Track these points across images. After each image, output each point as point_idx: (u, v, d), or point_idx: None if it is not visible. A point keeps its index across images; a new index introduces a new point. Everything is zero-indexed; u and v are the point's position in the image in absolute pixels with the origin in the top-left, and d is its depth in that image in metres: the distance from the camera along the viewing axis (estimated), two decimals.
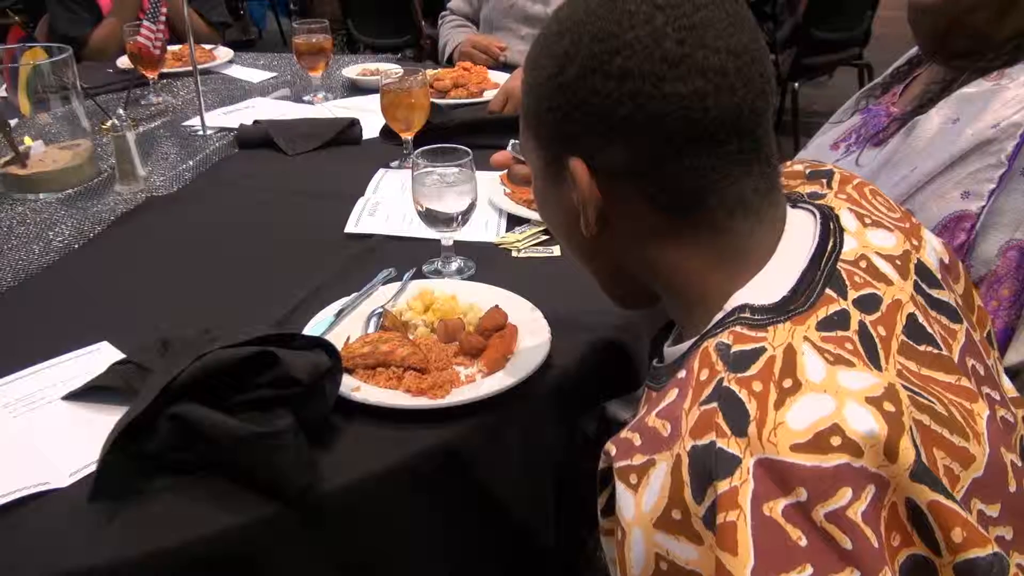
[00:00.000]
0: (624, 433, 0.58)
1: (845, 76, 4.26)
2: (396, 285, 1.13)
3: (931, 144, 1.07)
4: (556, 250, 1.27)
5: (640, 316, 1.09)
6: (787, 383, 0.52)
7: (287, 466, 0.77)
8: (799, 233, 0.65)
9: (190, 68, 1.79)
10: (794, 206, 0.69)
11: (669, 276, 0.65)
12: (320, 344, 0.87)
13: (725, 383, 0.53)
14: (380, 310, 1.06)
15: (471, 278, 1.19)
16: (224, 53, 2.39)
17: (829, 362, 0.54)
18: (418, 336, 1.03)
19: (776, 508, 0.49)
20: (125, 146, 1.47)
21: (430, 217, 1.17)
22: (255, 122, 1.78)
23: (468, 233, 1.27)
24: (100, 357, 1.00)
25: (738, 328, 0.57)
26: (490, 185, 1.43)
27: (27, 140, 1.54)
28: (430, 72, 1.99)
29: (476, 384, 0.94)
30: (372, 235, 1.32)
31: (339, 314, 1.06)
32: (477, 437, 0.89)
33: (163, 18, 1.92)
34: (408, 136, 1.59)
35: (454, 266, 1.21)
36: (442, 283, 1.13)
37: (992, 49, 1.07)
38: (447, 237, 1.20)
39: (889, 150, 1.13)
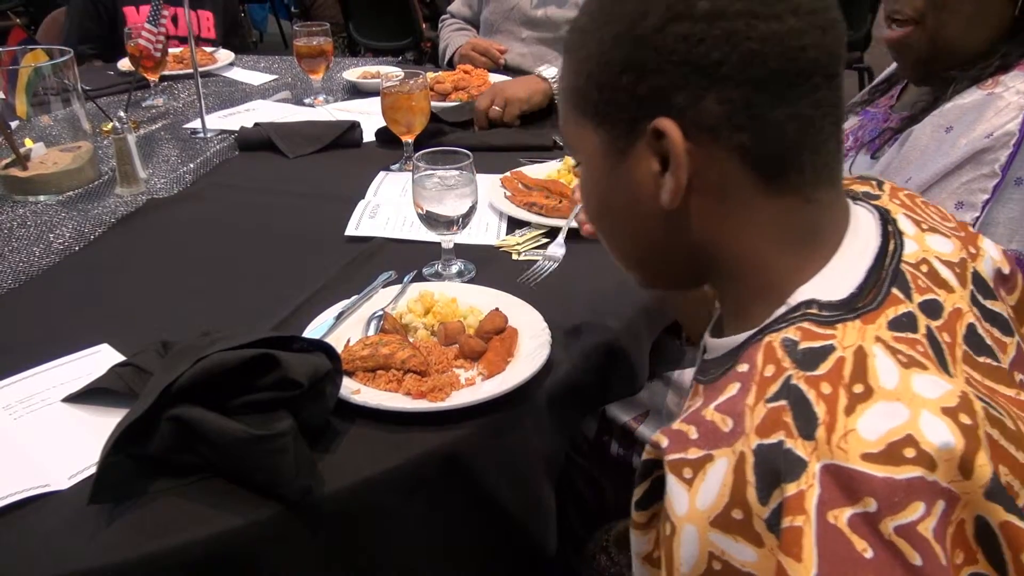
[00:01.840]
0: (676, 425, 0.55)
1: (845, 80, 4.24)
2: (396, 288, 1.13)
3: (924, 154, 1.07)
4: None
5: (641, 318, 1.09)
6: (858, 388, 0.50)
7: (287, 469, 0.77)
8: (864, 226, 0.62)
9: (191, 71, 1.79)
10: (854, 201, 0.66)
11: (737, 257, 0.61)
12: (320, 347, 0.87)
13: (793, 381, 0.51)
14: (380, 313, 1.06)
15: (471, 281, 1.19)
16: (225, 56, 2.39)
17: (902, 364, 0.51)
18: (418, 339, 1.03)
19: (841, 517, 0.47)
20: (126, 148, 1.47)
21: (430, 220, 1.17)
22: (256, 125, 1.79)
23: (468, 236, 1.27)
24: (100, 359, 1.00)
25: (805, 324, 0.55)
26: (490, 188, 1.43)
27: (28, 142, 1.54)
28: (431, 75, 2.00)
29: (476, 387, 0.93)
30: (372, 238, 1.32)
31: (339, 317, 1.05)
32: (477, 440, 0.89)
33: (164, 21, 1.92)
34: (408, 139, 1.59)
35: (454, 269, 1.21)
36: (442, 286, 1.13)
37: (979, 58, 1.07)
38: (447, 240, 1.20)
39: (883, 162, 1.13)
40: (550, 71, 1.89)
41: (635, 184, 0.61)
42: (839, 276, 0.58)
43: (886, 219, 0.64)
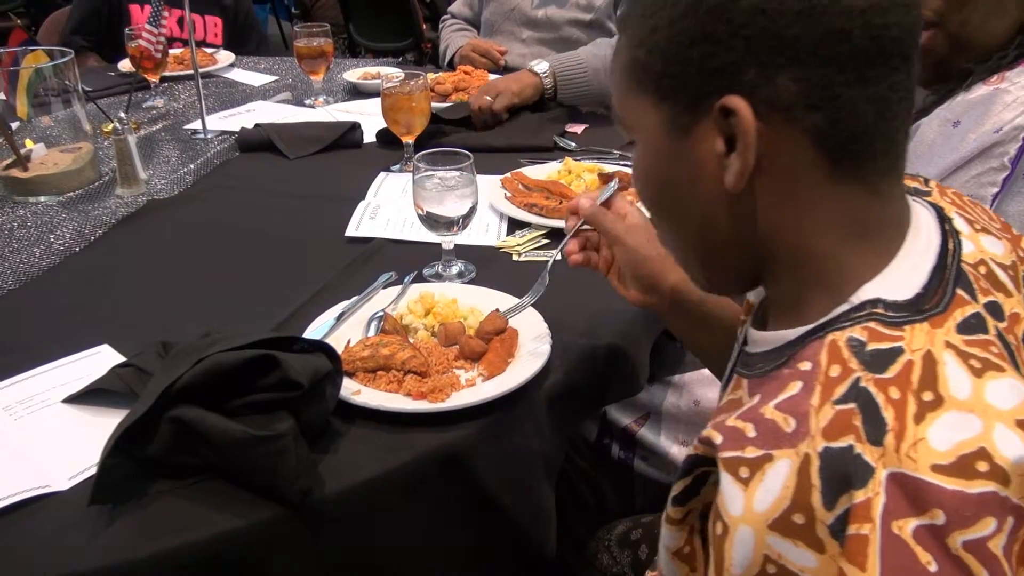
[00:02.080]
0: (731, 421, 0.53)
1: None
2: (397, 289, 1.13)
3: (931, 149, 1.07)
4: (557, 254, 1.27)
5: (641, 320, 1.09)
6: (927, 396, 0.49)
7: (287, 470, 0.77)
8: (924, 223, 0.60)
9: (191, 71, 1.79)
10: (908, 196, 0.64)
11: (796, 246, 0.58)
12: (321, 347, 0.87)
13: (863, 383, 0.49)
14: (381, 314, 1.06)
15: (472, 282, 1.19)
16: (225, 57, 2.39)
17: (975, 371, 0.50)
18: (419, 340, 1.03)
19: (906, 527, 0.45)
20: (126, 149, 1.47)
21: (431, 221, 1.17)
22: (256, 125, 1.78)
23: (469, 237, 1.27)
24: (100, 360, 1.00)
25: (872, 324, 0.53)
26: (491, 189, 1.43)
27: (28, 143, 1.54)
28: (431, 76, 2.00)
29: (476, 388, 0.93)
30: (373, 239, 1.32)
31: (340, 317, 1.05)
32: (477, 441, 0.89)
33: (164, 22, 1.93)
34: (409, 140, 1.59)
35: (455, 270, 1.21)
36: (443, 287, 1.13)
37: (996, 50, 1.07)
38: (448, 241, 1.20)
39: None
40: (541, 66, 1.89)
41: (697, 164, 0.59)
42: (905, 275, 0.56)
43: (942, 216, 0.62)
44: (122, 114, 1.50)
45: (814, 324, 0.56)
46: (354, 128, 1.76)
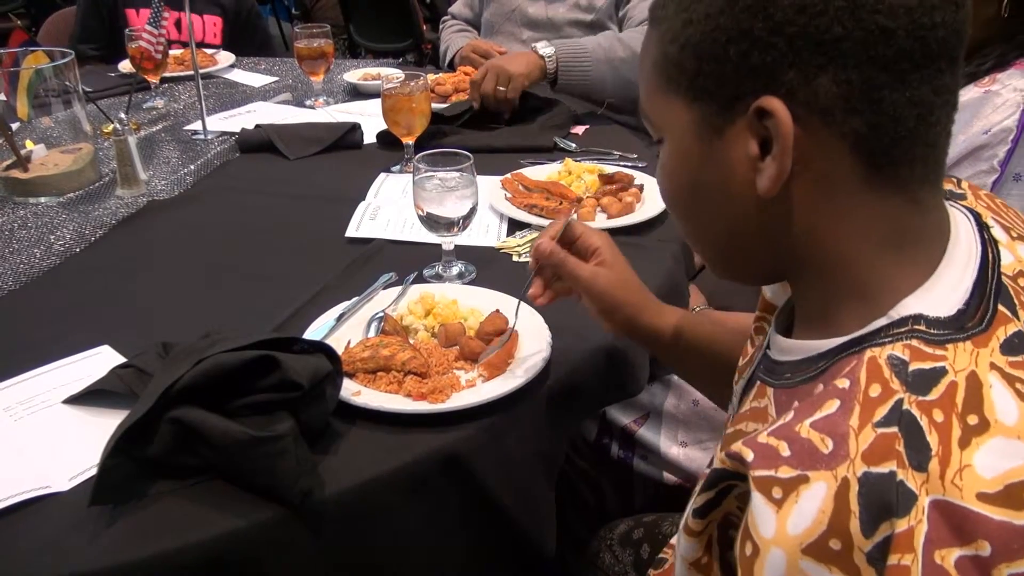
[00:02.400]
0: (762, 438, 0.50)
1: None
2: (397, 289, 1.13)
3: None
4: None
5: None
6: (972, 419, 0.47)
7: (288, 470, 0.77)
8: (963, 233, 0.58)
9: (192, 72, 1.80)
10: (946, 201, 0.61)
11: (830, 255, 0.56)
12: (321, 348, 0.87)
13: (905, 405, 0.47)
14: (381, 314, 1.06)
15: (472, 282, 1.19)
16: (225, 57, 2.40)
17: (1022, 395, 0.48)
18: (419, 340, 1.03)
19: (949, 558, 0.44)
20: (126, 150, 1.47)
21: (431, 221, 1.17)
22: (256, 126, 1.79)
23: (469, 237, 1.28)
24: (101, 361, 1.00)
25: (913, 342, 0.51)
26: (491, 190, 1.43)
27: (29, 144, 1.54)
28: (431, 77, 2.00)
29: (476, 388, 0.93)
30: (373, 239, 1.32)
31: (340, 318, 1.06)
32: (477, 441, 0.89)
33: (165, 23, 1.93)
34: (409, 140, 1.59)
35: (455, 270, 1.21)
36: (443, 287, 1.13)
37: (970, 55, 1.07)
38: (448, 241, 1.20)
39: None
40: (547, 49, 1.89)
41: (728, 167, 0.57)
42: (946, 290, 0.54)
43: (980, 224, 0.59)
44: (122, 115, 1.51)
45: (849, 337, 0.54)
46: (354, 129, 1.77)
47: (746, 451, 0.50)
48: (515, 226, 1.36)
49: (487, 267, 1.23)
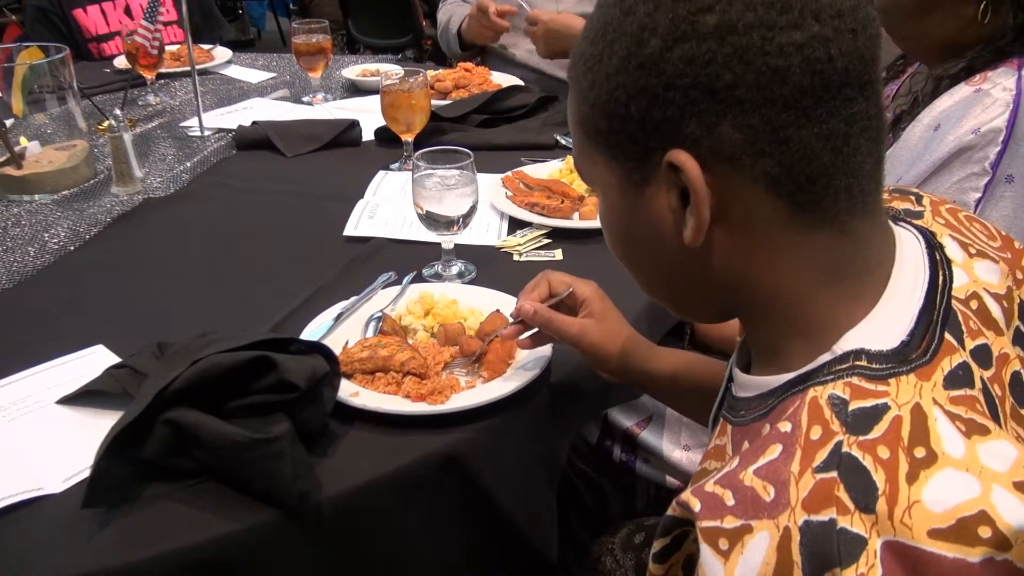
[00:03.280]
0: (709, 486, 0.50)
1: None
2: (396, 289, 1.13)
3: (912, 152, 1.07)
4: (558, 254, 1.27)
5: (644, 321, 1.09)
6: (919, 452, 0.46)
7: (284, 473, 0.77)
8: (910, 257, 0.57)
9: (188, 68, 1.79)
10: (895, 223, 0.61)
11: (770, 292, 0.57)
12: (318, 349, 0.87)
13: (845, 448, 0.47)
14: (379, 314, 1.06)
15: (472, 282, 1.19)
16: (222, 53, 2.39)
17: (963, 432, 0.47)
18: (418, 341, 1.02)
19: None
20: (122, 147, 1.47)
21: (430, 220, 1.17)
22: (253, 123, 1.79)
23: (469, 236, 1.27)
24: (95, 361, 1.00)
25: (854, 380, 0.50)
26: (491, 188, 1.43)
27: (23, 140, 1.54)
28: (431, 73, 2.00)
29: (476, 390, 0.93)
30: (371, 238, 1.31)
31: (338, 318, 1.05)
32: (477, 443, 0.88)
33: (161, 18, 1.92)
34: (408, 138, 1.59)
35: (455, 270, 1.21)
36: (442, 287, 1.13)
37: (949, 51, 1.07)
38: (448, 240, 1.20)
39: None
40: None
41: (656, 219, 0.57)
42: (889, 321, 0.53)
43: (932, 244, 0.59)
44: (118, 111, 1.50)
45: (796, 373, 0.55)
46: (353, 126, 1.76)
47: (694, 501, 0.50)
48: (516, 225, 1.35)
49: (487, 266, 1.23)
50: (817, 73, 0.51)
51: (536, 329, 0.95)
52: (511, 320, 0.96)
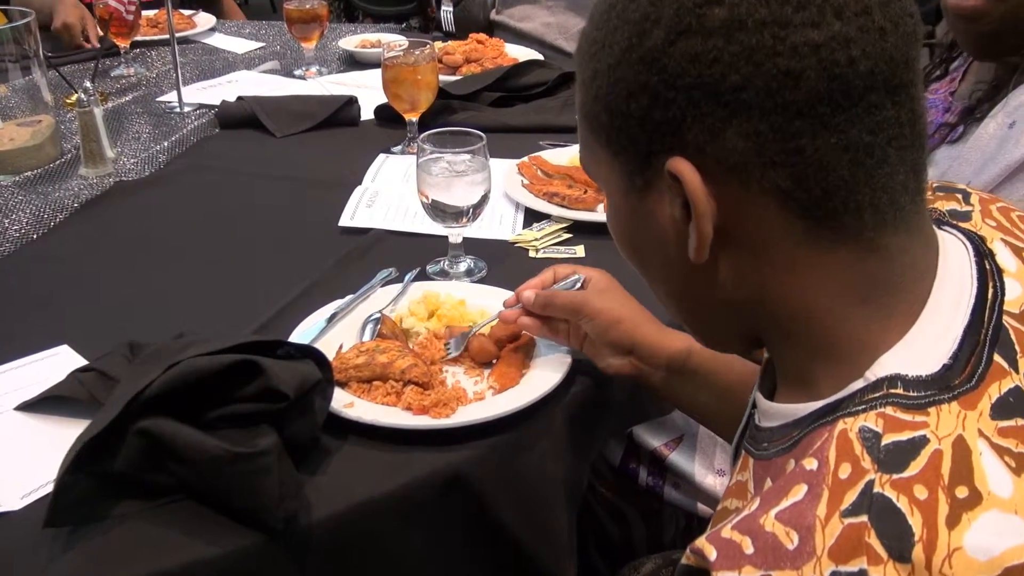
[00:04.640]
0: (726, 531, 0.50)
1: None
2: (397, 287, 1.13)
3: (984, 154, 1.06)
4: (579, 250, 1.27)
5: (676, 327, 1.09)
6: (962, 492, 0.46)
7: (270, 491, 0.77)
8: (955, 268, 0.57)
9: (167, 36, 1.80)
10: (938, 227, 0.61)
11: (790, 312, 0.57)
12: (309, 353, 0.87)
13: (876, 488, 0.46)
14: (378, 315, 1.06)
15: (482, 280, 1.19)
16: (205, 20, 2.40)
17: (1012, 469, 0.47)
18: (419, 343, 1.03)
19: None
20: (92, 124, 1.48)
21: (436, 210, 1.17)
22: (238, 98, 1.79)
23: (480, 229, 1.28)
24: (59, 362, 1.00)
25: (888, 410, 0.50)
26: (506, 175, 1.43)
27: None
28: (439, 45, 2.00)
29: (486, 402, 0.93)
30: (370, 229, 1.32)
31: (331, 319, 1.06)
32: (486, 462, 0.89)
33: None
34: (413, 117, 1.59)
35: (463, 267, 1.21)
36: (449, 286, 1.14)
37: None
38: (455, 233, 1.20)
39: (940, 162, 1.12)
40: None
41: (659, 229, 0.57)
42: (929, 342, 0.53)
43: (981, 252, 0.58)
44: (88, 84, 1.51)
45: (825, 402, 0.54)
46: (350, 103, 1.77)
47: (709, 548, 0.50)
48: (533, 217, 1.36)
49: (500, 263, 1.23)
50: (836, 77, 0.50)
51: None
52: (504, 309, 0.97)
